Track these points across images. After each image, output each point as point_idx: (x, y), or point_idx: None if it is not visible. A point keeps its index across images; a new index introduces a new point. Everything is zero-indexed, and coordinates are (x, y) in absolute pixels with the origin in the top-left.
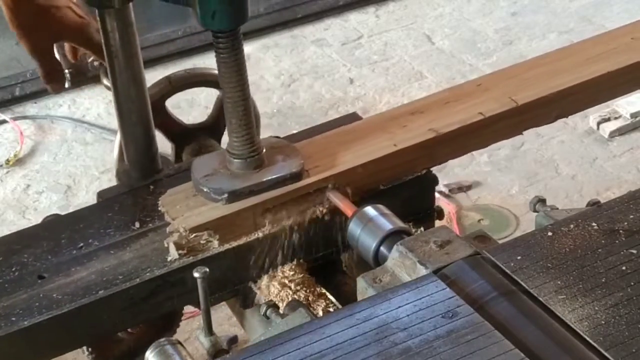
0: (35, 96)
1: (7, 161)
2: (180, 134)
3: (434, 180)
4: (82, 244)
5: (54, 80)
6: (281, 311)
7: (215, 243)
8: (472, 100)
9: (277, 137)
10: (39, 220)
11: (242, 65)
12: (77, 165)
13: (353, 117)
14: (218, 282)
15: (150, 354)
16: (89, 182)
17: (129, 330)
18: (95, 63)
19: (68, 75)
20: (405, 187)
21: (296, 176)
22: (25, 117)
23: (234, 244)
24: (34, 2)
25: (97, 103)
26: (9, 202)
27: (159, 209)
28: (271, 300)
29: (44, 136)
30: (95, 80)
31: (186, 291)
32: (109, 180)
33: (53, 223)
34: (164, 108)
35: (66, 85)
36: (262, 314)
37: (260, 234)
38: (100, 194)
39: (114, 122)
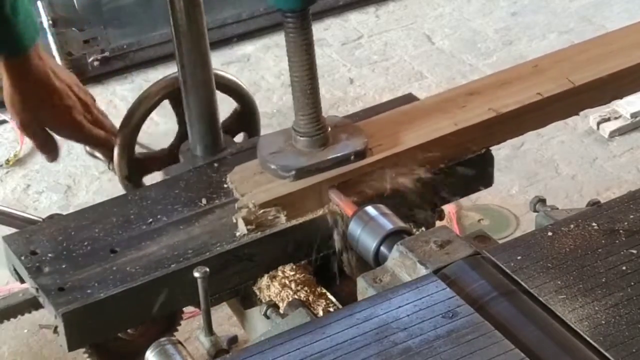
0: None
1: (7, 161)
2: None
3: (493, 159)
4: (151, 220)
5: (48, 152)
6: (281, 311)
7: (283, 219)
8: (529, 82)
9: (338, 116)
10: None
11: (311, 44)
12: (77, 165)
13: (409, 98)
14: (284, 257)
15: (151, 353)
16: (89, 182)
17: (128, 330)
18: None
19: None
20: (467, 165)
21: (360, 154)
22: None
23: (301, 219)
24: (37, 82)
25: (97, 103)
26: (9, 202)
27: (227, 185)
28: (271, 300)
29: None
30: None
31: (253, 266)
32: (109, 180)
33: (120, 200)
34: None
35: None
36: (262, 313)
37: (326, 211)
38: (167, 171)
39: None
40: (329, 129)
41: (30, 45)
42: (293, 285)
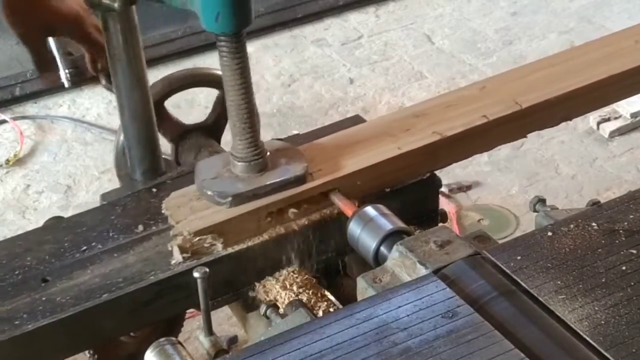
0: (35, 96)
1: (7, 161)
2: (180, 134)
3: (438, 183)
4: (85, 247)
5: (45, 69)
6: (281, 311)
7: (219, 246)
8: (476, 103)
9: (280, 139)
10: (39, 220)
11: (246, 68)
12: (77, 165)
13: (356, 120)
14: (221, 285)
15: (151, 353)
16: (89, 182)
17: (131, 334)
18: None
19: (68, 75)
20: (409, 191)
21: (300, 179)
22: (25, 117)
23: (237, 247)
24: None
25: (97, 103)
26: (9, 202)
27: (163, 212)
28: (271, 300)
29: (44, 136)
30: (95, 80)
31: (190, 294)
32: (109, 180)
33: (55, 226)
34: (164, 109)
35: (66, 85)
36: (262, 314)
37: (264, 238)
38: (104, 197)
39: (114, 122)
40: (268, 153)
41: None
42: (295, 288)
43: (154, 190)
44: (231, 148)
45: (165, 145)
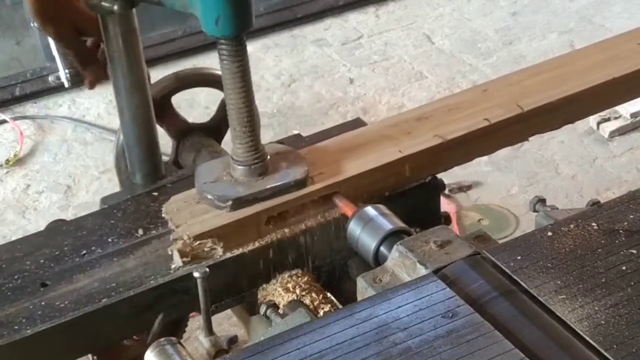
0: (35, 96)
1: (7, 161)
2: (183, 131)
3: (440, 187)
4: (84, 252)
5: (88, 64)
6: (281, 311)
7: (220, 250)
8: (477, 107)
9: (282, 143)
10: (39, 220)
11: (247, 72)
12: (77, 165)
13: (357, 123)
14: (222, 289)
15: (151, 353)
16: (89, 182)
17: (134, 337)
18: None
19: (68, 75)
20: (411, 194)
21: (300, 183)
22: (25, 117)
23: (237, 252)
24: None
25: (97, 103)
26: (9, 202)
27: (163, 216)
28: (271, 300)
29: (44, 136)
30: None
31: (190, 299)
32: (109, 180)
33: (55, 230)
34: (170, 104)
35: (66, 85)
36: (262, 314)
37: (264, 242)
38: (104, 200)
39: (114, 122)
40: (269, 157)
41: None
42: (298, 291)
43: (155, 194)
44: (231, 152)
45: (165, 146)
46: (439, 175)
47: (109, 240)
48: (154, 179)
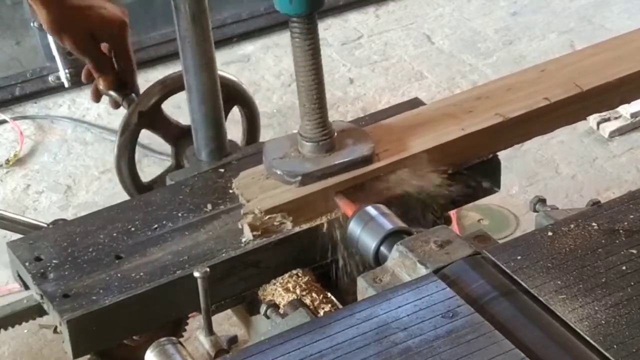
0: (35, 96)
1: (7, 161)
2: (178, 135)
3: (500, 164)
4: (156, 226)
5: (104, 71)
6: (281, 311)
7: (289, 225)
8: (536, 86)
9: (345, 121)
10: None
11: (317, 50)
12: (77, 165)
13: (415, 103)
14: (291, 263)
15: (151, 353)
16: (89, 182)
17: (134, 337)
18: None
19: (68, 75)
20: (474, 170)
21: (367, 160)
22: (25, 117)
23: (306, 226)
24: (65, 3)
25: (97, 103)
26: (9, 202)
27: (233, 191)
28: (271, 300)
29: (44, 136)
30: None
31: (259, 272)
32: (109, 180)
33: (124, 205)
34: (162, 112)
35: (66, 85)
36: (262, 313)
37: (332, 217)
38: (171, 176)
39: (114, 122)
40: (335, 134)
41: None
42: (298, 291)
43: (221, 170)
44: (299, 128)
45: (164, 147)
46: None
47: (179, 214)
48: (219, 156)
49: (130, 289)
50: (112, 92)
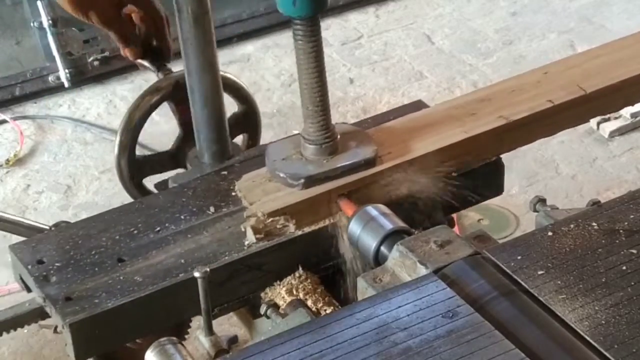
0: (35, 96)
1: (7, 161)
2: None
3: (503, 167)
4: (158, 228)
5: (131, 43)
6: (282, 311)
7: (292, 227)
8: (540, 88)
9: (347, 124)
10: (39, 221)
11: (320, 52)
12: (77, 165)
13: (419, 105)
14: (294, 266)
15: (151, 353)
16: (89, 182)
17: (136, 340)
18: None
19: (68, 75)
20: (478, 173)
21: (370, 162)
22: (25, 117)
23: (309, 229)
24: None
25: (97, 103)
26: (9, 202)
27: (236, 193)
28: (271, 300)
29: (44, 136)
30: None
31: (262, 275)
32: (109, 180)
33: (127, 208)
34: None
35: (66, 85)
36: (262, 313)
37: (335, 220)
38: (174, 179)
39: (114, 122)
40: (338, 136)
41: None
42: (302, 294)
43: (224, 173)
44: (302, 131)
45: (164, 147)
46: None
47: (182, 217)
48: (221, 158)
49: (133, 292)
50: (145, 63)
